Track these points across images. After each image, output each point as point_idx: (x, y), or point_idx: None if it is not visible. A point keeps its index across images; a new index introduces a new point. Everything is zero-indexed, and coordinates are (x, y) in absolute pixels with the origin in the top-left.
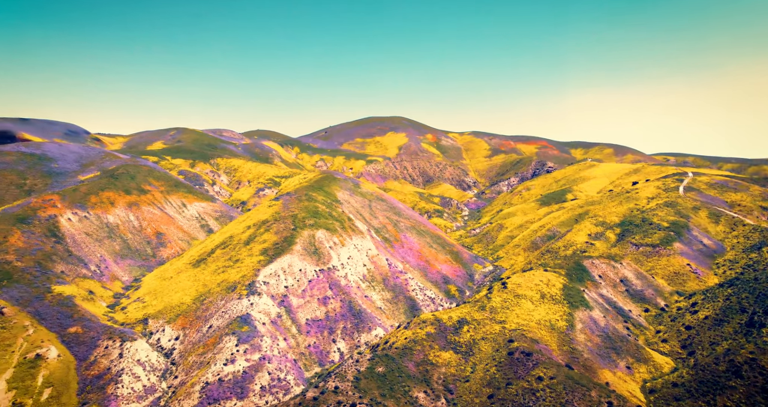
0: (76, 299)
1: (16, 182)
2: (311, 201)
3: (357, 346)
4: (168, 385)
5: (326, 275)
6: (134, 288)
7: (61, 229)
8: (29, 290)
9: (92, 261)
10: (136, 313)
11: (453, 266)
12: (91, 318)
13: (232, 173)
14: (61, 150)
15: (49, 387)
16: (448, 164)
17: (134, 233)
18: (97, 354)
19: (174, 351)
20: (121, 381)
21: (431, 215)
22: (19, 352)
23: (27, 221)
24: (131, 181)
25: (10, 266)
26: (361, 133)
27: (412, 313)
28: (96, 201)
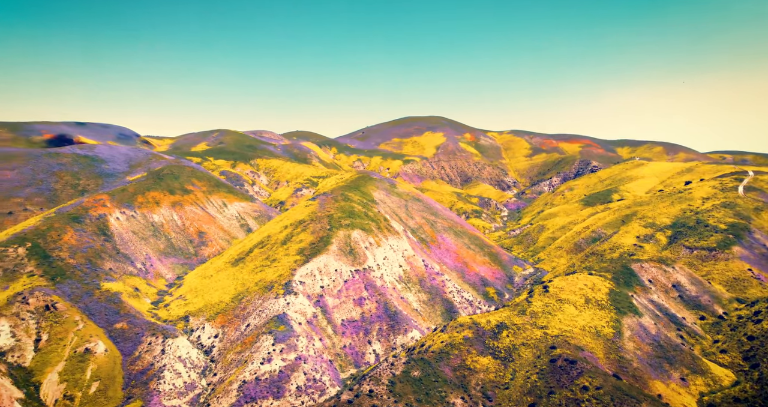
0: (122, 295)
1: (71, 183)
2: (347, 201)
3: (393, 348)
4: (207, 382)
5: (362, 276)
6: (177, 286)
7: (110, 228)
8: (80, 287)
9: (138, 259)
10: (178, 310)
11: (491, 268)
12: (136, 315)
13: (271, 174)
14: (111, 152)
15: (97, 380)
16: (486, 164)
17: (177, 232)
18: (141, 350)
19: (213, 348)
20: (163, 376)
21: (469, 216)
22: (70, 346)
23: (79, 220)
24: (175, 181)
25: (64, 263)
26: (398, 133)
27: (449, 315)
28: (142, 201)
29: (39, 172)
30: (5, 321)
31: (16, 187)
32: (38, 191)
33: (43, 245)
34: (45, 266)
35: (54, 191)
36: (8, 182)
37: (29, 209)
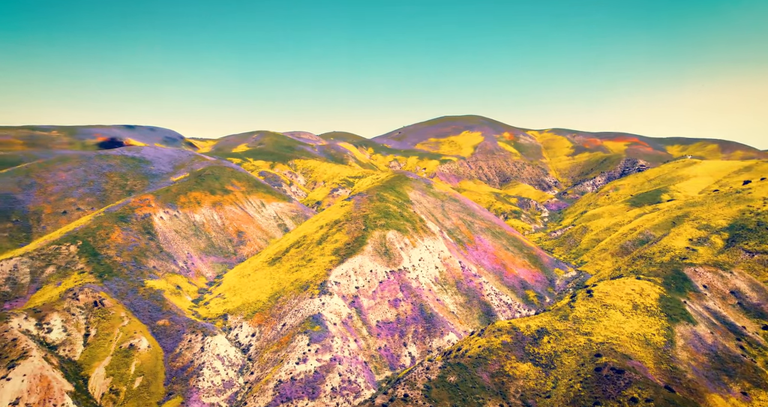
0: (165, 293)
1: (120, 183)
2: (382, 201)
3: (429, 351)
4: (245, 381)
5: (397, 277)
6: (216, 284)
7: (154, 227)
8: (126, 284)
9: (180, 258)
10: (217, 308)
11: (531, 271)
12: (178, 312)
13: (309, 174)
14: (156, 153)
15: (140, 376)
16: (526, 164)
17: (217, 231)
18: (181, 347)
19: (251, 347)
20: (202, 374)
21: (508, 217)
22: (116, 341)
23: (126, 219)
24: (216, 182)
25: (111, 261)
26: (435, 132)
27: (487, 319)
28: (185, 201)
29: (91, 173)
30: (57, 316)
31: (71, 187)
32: (90, 191)
33: (93, 244)
34: (94, 264)
35: (104, 191)
36: (63, 183)
37: (81, 208)
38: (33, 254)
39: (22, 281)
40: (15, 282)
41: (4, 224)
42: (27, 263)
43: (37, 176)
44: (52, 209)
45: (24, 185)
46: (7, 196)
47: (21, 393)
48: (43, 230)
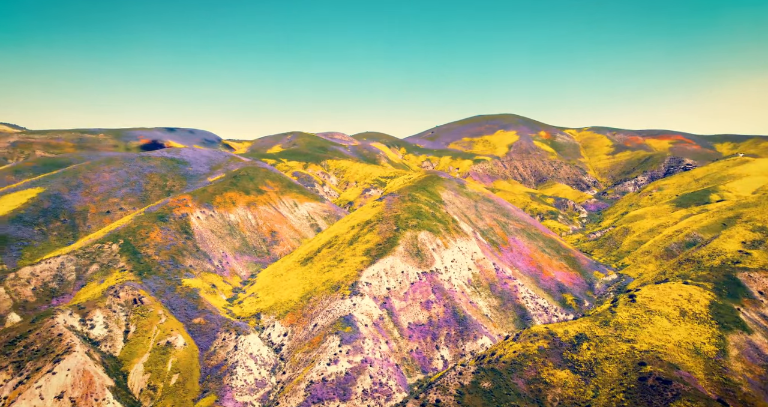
0: (200, 291)
1: (160, 184)
2: (414, 202)
3: (462, 355)
4: (277, 380)
5: (429, 278)
6: (250, 283)
7: (191, 226)
8: (163, 282)
9: (215, 257)
10: (251, 307)
11: (569, 274)
12: (212, 311)
13: (341, 174)
14: (194, 155)
15: (177, 373)
16: (563, 163)
17: (251, 231)
18: (216, 345)
19: (283, 346)
20: (235, 372)
21: (544, 217)
22: (153, 338)
23: (165, 219)
24: (250, 182)
25: (150, 260)
26: (469, 132)
27: (522, 323)
28: (220, 201)
29: (132, 174)
30: (100, 313)
31: (114, 188)
32: (131, 191)
33: (133, 243)
34: (134, 262)
35: (145, 191)
36: (107, 184)
37: (124, 208)
38: (78, 252)
39: (69, 279)
40: (62, 279)
41: (53, 224)
42: (73, 261)
43: (83, 177)
44: (97, 208)
45: (71, 185)
46: (57, 196)
47: (65, 387)
48: (89, 229)
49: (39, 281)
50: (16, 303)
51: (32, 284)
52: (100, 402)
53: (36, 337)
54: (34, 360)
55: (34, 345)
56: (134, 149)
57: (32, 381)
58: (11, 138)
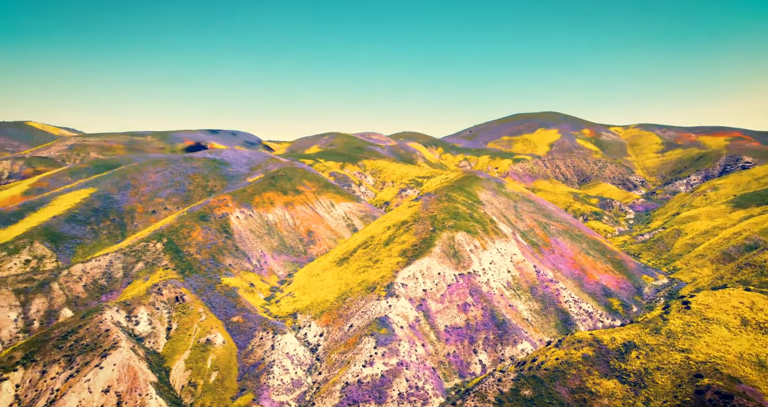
0: (239, 290)
1: (202, 184)
2: (451, 202)
3: (501, 360)
4: (313, 380)
5: (466, 280)
6: (287, 283)
7: (231, 226)
8: (204, 280)
9: (254, 256)
10: (287, 307)
11: (615, 277)
12: (251, 309)
13: (377, 174)
14: (235, 156)
15: (216, 370)
16: (608, 162)
17: (289, 230)
18: (253, 344)
19: (319, 347)
20: (272, 372)
21: (587, 218)
22: (194, 336)
23: (206, 219)
24: (288, 182)
25: (191, 258)
26: (508, 131)
27: (565, 328)
28: (259, 201)
29: (176, 174)
30: (144, 310)
31: (159, 188)
32: (176, 191)
33: (176, 241)
34: (177, 261)
35: (188, 191)
36: (153, 184)
37: (168, 208)
38: (125, 250)
39: (116, 276)
40: (110, 276)
41: (103, 223)
42: (120, 259)
43: (131, 178)
44: (144, 208)
45: (121, 186)
46: (107, 196)
47: (111, 382)
48: (136, 228)
49: (89, 278)
50: (69, 299)
51: (83, 280)
52: (144, 398)
53: (85, 332)
54: (84, 354)
55: (84, 339)
56: (179, 151)
57: (81, 374)
58: (69, 141)
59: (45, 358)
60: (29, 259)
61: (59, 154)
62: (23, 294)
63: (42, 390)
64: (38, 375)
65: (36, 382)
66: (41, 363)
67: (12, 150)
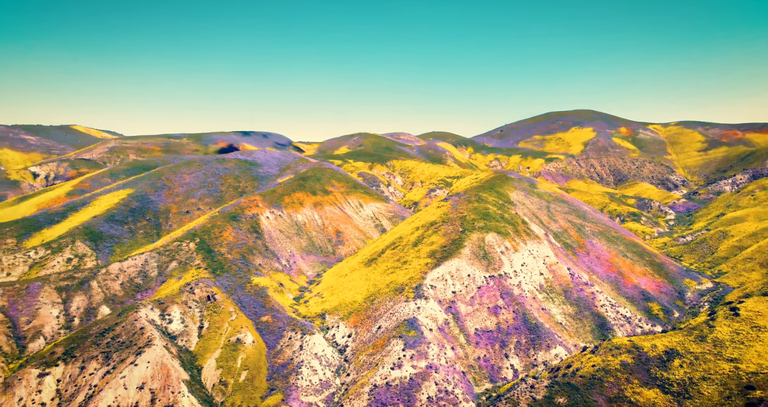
0: (269, 290)
1: (234, 185)
2: (481, 202)
3: (533, 365)
4: (341, 382)
5: (497, 283)
6: (316, 283)
7: (261, 226)
8: (234, 280)
9: (283, 256)
10: (316, 307)
11: (655, 281)
12: (279, 309)
13: (406, 174)
14: (265, 157)
15: (246, 370)
16: (646, 161)
17: (318, 231)
18: (282, 344)
19: (347, 348)
20: (300, 372)
21: (624, 219)
22: (225, 335)
23: (237, 219)
24: (317, 183)
25: (222, 258)
26: (540, 130)
27: (601, 333)
28: (288, 201)
29: (209, 175)
30: (177, 308)
31: (193, 189)
32: (208, 192)
33: (208, 241)
34: (208, 260)
35: (220, 192)
36: (187, 185)
37: (201, 208)
38: (160, 249)
39: (152, 275)
40: (146, 275)
41: (140, 222)
42: (155, 258)
43: (166, 179)
44: (178, 208)
45: (156, 186)
46: (144, 197)
47: (146, 379)
48: (170, 228)
49: (126, 277)
50: (107, 297)
51: (120, 279)
52: (176, 395)
53: (121, 330)
54: (120, 351)
55: (120, 337)
56: (212, 153)
57: (117, 371)
58: (109, 144)
59: (84, 354)
60: (71, 257)
61: (100, 156)
62: (65, 292)
63: (81, 385)
64: (77, 371)
65: (75, 377)
66: (80, 359)
67: (59, 153)
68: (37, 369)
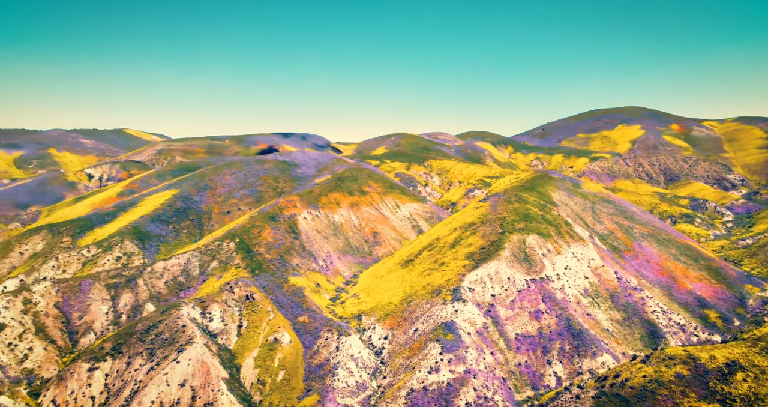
0: (305, 290)
1: (273, 186)
2: (522, 203)
3: (578, 373)
4: (377, 384)
5: (538, 286)
6: (352, 284)
7: (298, 226)
8: (272, 279)
9: (320, 256)
10: (352, 308)
11: (712, 286)
12: (316, 310)
13: (444, 175)
14: (304, 157)
15: (283, 369)
16: (701, 159)
17: (354, 231)
18: (319, 345)
19: (383, 350)
20: (337, 373)
21: (676, 221)
22: (263, 334)
23: (275, 219)
24: (354, 183)
25: (261, 258)
26: (584, 128)
27: (652, 341)
28: (325, 202)
29: (250, 176)
30: (217, 307)
31: (233, 189)
32: (248, 192)
33: (247, 241)
34: (248, 260)
35: (259, 192)
36: (228, 186)
37: (241, 208)
38: (202, 249)
39: (194, 273)
40: (188, 274)
41: (184, 222)
42: (197, 257)
43: (208, 180)
44: (219, 209)
45: (199, 187)
46: (188, 197)
47: (187, 376)
48: (212, 227)
49: (170, 275)
50: (152, 294)
51: (164, 277)
52: (216, 393)
53: (165, 327)
54: (163, 348)
55: (164, 334)
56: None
57: (161, 367)
58: (157, 146)
59: (130, 350)
60: (120, 256)
61: (149, 158)
62: (113, 289)
63: (127, 380)
64: (124, 366)
65: (122, 373)
66: (127, 354)
67: (111, 155)
68: (87, 364)
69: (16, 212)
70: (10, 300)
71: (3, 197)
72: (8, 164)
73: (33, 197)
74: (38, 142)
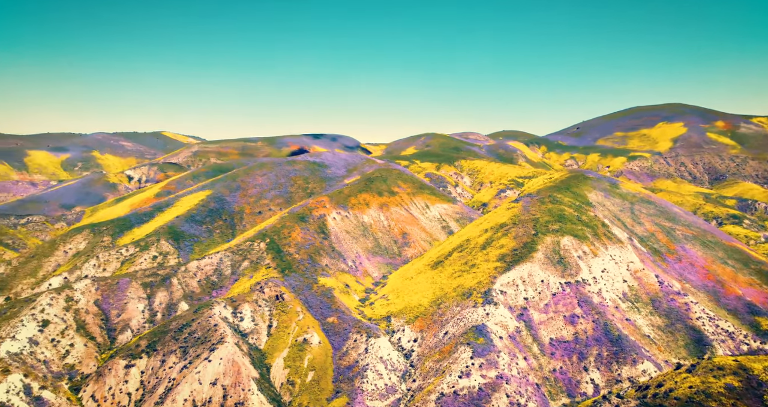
0: (335, 291)
1: (303, 186)
2: (556, 203)
3: (617, 381)
4: (407, 387)
5: (573, 290)
6: (381, 285)
7: (328, 227)
8: (302, 280)
9: (349, 257)
10: (381, 310)
11: (764, 292)
12: (345, 311)
13: (475, 175)
14: (333, 158)
15: (312, 370)
16: (749, 157)
17: (383, 232)
18: (348, 346)
19: (413, 353)
20: (366, 375)
21: (722, 222)
22: (292, 335)
23: (305, 220)
24: (383, 184)
25: (291, 258)
26: (622, 126)
27: (697, 349)
28: (354, 202)
29: (280, 177)
30: (248, 307)
31: (265, 190)
32: (279, 193)
33: (277, 241)
34: (278, 260)
35: (290, 193)
36: (260, 187)
37: (272, 208)
38: (233, 249)
39: (225, 273)
40: (220, 273)
41: (217, 222)
42: (229, 257)
43: (241, 181)
44: (251, 209)
45: (232, 188)
46: (220, 198)
47: (218, 375)
48: (244, 227)
49: (203, 274)
50: (185, 293)
51: (198, 276)
52: (246, 393)
53: (197, 326)
54: (195, 346)
55: (196, 333)
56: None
57: (193, 366)
58: (193, 148)
59: (164, 348)
60: (156, 255)
61: (185, 159)
62: (149, 288)
63: (161, 378)
64: (159, 364)
65: (157, 370)
66: (161, 352)
67: (150, 157)
68: (124, 361)
69: (62, 212)
70: (54, 298)
71: (51, 197)
72: (56, 166)
73: (77, 198)
74: (83, 145)
